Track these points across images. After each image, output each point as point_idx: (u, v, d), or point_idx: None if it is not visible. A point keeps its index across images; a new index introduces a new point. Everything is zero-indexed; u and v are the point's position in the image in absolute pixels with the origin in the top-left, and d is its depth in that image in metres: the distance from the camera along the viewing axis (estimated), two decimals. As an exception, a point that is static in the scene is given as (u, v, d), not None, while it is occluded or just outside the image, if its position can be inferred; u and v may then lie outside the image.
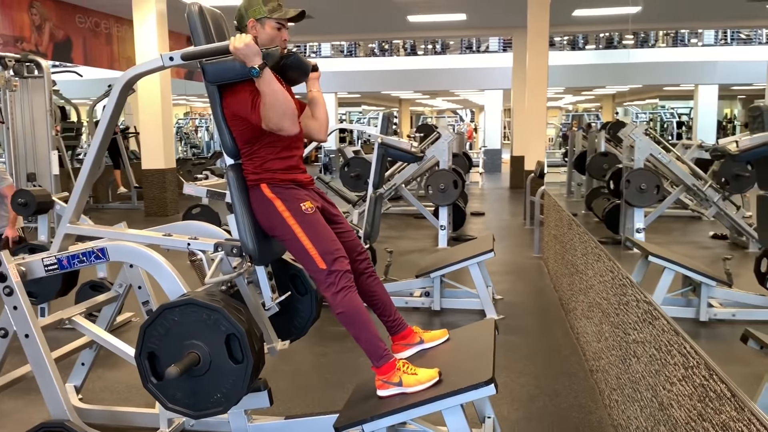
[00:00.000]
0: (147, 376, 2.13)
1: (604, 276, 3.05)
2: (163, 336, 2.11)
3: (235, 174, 2.30)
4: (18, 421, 2.93)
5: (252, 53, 2.07)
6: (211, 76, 2.18)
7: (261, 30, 2.28)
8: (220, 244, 2.34)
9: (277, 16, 2.28)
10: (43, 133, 6.69)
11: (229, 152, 2.31)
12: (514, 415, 2.93)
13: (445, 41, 21.01)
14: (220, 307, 2.06)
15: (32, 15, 9.47)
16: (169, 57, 2.20)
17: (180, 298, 2.13)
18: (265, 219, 2.30)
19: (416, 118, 31.50)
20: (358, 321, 2.22)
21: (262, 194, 2.28)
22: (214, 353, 2.08)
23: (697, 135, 14.42)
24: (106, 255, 2.33)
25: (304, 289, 2.63)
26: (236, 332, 2.05)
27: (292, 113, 2.17)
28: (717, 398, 1.50)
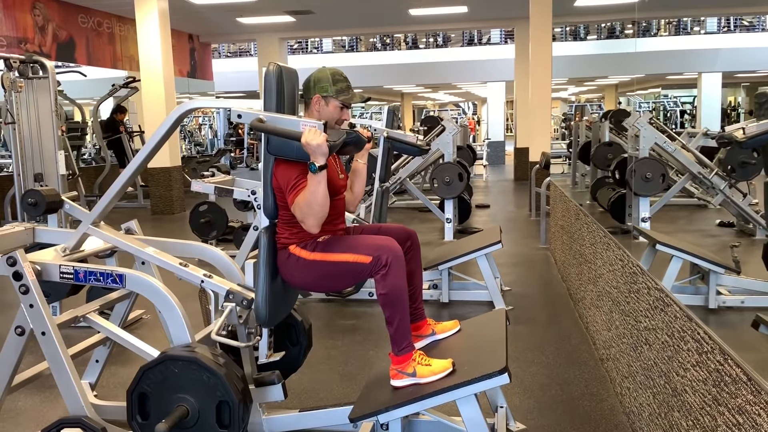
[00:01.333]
0: (133, 413, 2.17)
1: (614, 265, 3.06)
2: (159, 383, 2.15)
3: (268, 235, 2.33)
4: (33, 419, 2.96)
5: (320, 153, 2.08)
6: (274, 149, 2.20)
7: (324, 107, 2.32)
8: (233, 293, 2.37)
9: (342, 98, 2.32)
10: (49, 134, 6.71)
11: (268, 214, 2.34)
12: (525, 404, 2.94)
13: (447, 34, 20.97)
14: (222, 375, 2.10)
15: (35, 16, 9.49)
16: (237, 114, 2.20)
17: (186, 353, 2.16)
18: (296, 275, 2.34)
19: (418, 111, 31.47)
20: (398, 305, 2.21)
21: (290, 253, 2.31)
22: (204, 413, 2.12)
23: (702, 123, 14.38)
24: (123, 282, 2.36)
25: (296, 340, 2.72)
26: (230, 401, 2.10)
27: (321, 217, 2.20)
28: (732, 382, 1.51)
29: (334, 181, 2.37)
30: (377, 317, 4.28)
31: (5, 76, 6.64)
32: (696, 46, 15.78)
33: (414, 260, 2.50)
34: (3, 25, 8.94)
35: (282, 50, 14.35)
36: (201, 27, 13.46)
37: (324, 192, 2.15)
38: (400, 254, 2.22)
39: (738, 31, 14.86)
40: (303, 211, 2.19)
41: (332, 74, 2.33)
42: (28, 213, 4.14)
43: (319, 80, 2.32)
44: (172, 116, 2.38)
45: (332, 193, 2.35)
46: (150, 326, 4.26)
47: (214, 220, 6.19)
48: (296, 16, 12.10)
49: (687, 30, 16.59)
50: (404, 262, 2.24)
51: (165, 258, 2.50)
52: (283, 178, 2.23)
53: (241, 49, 21.81)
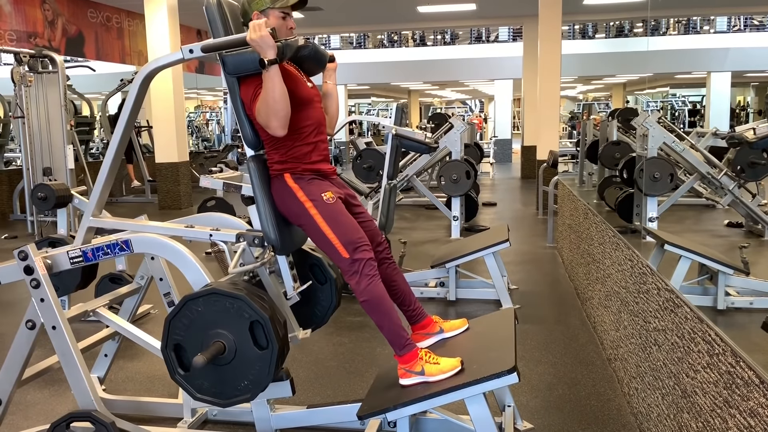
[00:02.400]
0: (174, 367, 2.16)
1: (623, 265, 3.05)
2: (188, 327, 2.13)
3: (256, 165, 2.31)
4: (43, 412, 2.98)
5: (267, 45, 2.08)
6: (231, 67, 2.20)
7: (266, 21, 2.28)
8: (242, 234, 2.35)
9: (279, 5, 2.29)
10: (58, 128, 6.75)
11: (250, 143, 2.32)
12: (533, 403, 2.94)
13: (455, 31, 20.92)
14: (243, 295, 2.08)
15: (45, 10, 9.52)
16: (189, 49, 2.21)
17: (203, 289, 2.15)
18: (288, 209, 2.32)
19: (425, 108, 31.42)
20: (382, 309, 2.23)
21: (285, 184, 2.30)
22: (239, 341, 2.10)
23: (710, 122, 14.30)
24: (131, 247, 2.35)
25: (324, 278, 2.64)
26: (260, 319, 2.07)
27: (283, 115, 2.16)
28: (744, 385, 1.51)
29: (302, 88, 2.34)
30: (384, 314, 4.28)
31: (15, 71, 6.68)
32: (705, 46, 15.68)
33: (390, 266, 2.50)
34: (13, 20, 8.97)
35: (290, 46, 14.33)
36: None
37: (281, 88, 2.12)
38: (373, 261, 2.25)
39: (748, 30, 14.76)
40: (264, 112, 2.16)
41: None
42: (37, 207, 4.17)
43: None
44: (135, 83, 2.37)
45: (304, 100, 2.32)
46: (158, 321, 4.27)
47: (221, 216, 6.19)
48: (305, 12, 12.10)
49: (696, 29, 16.49)
50: (376, 267, 2.26)
51: (171, 225, 2.48)
52: (245, 95, 2.22)
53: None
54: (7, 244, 7.16)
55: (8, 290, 5.22)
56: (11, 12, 8.95)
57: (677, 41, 16.45)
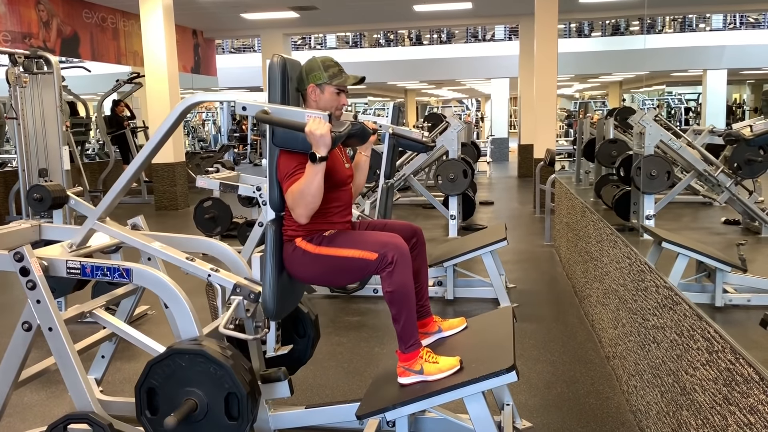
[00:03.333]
0: (142, 408, 2.17)
1: (621, 262, 3.05)
2: (167, 377, 2.14)
3: (274, 228, 2.31)
4: (40, 414, 2.97)
5: (323, 143, 2.07)
6: (279, 141, 2.18)
7: (320, 95, 2.29)
8: (240, 286, 2.35)
9: (336, 82, 2.29)
10: (53, 129, 6.72)
11: (274, 206, 2.31)
12: (531, 402, 2.94)
13: (451, 30, 20.92)
14: (229, 366, 2.09)
15: (39, 11, 9.49)
16: (242, 107, 2.18)
17: (192, 346, 2.15)
18: (300, 269, 2.32)
19: (422, 108, 31.41)
20: (405, 302, 2.20)
21: (296, 246, 2.30)
22: (213, 406, 2.11)
23: (706, 120, 14.31)
24: (130, 277, 2.34)
25: (304, 332, 2.70)
26: (238, 393, 2.09)
27: (312, 207, 2.18)
28: (744, 382, 1.50)
29: (340, 172, 2.36)
30: (382, 314, 4.28)
31: (10, 72, 6.65)
32: (701, 43, 15.69)
33: (419, 257, 2.49)
34: (8, 20, 8.94)
35: (286, 46, 14.34)
36: (205, 23, 13.45)
37: (319, 184, 2.13)
38: (406, 251, 2.20)
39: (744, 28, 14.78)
40: (295, 198, 2.17)
41: (322, 62, 2.31)
42: (33, 208, 4.15)
43: (311, 69, 2.29)
44: (177, 110, 2.36)
45: (339, 184, 2.35)
46: (155, 321, 4.26)
47: (218, 216, 6.19)
48: (300, 12, 12.08)
49: (692, 27, 16.50)
50: (410, 260, 2.22)
51: (171, 252, 2.50)
52: (283, 167, 2.22)
53: (245, 44, 21.79)
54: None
55: (5, 292, 5.20)
56: (6, 12, 8.92)
57: (673, 39, 16.46)
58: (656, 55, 15.66)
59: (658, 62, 15.43)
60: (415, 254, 2.44)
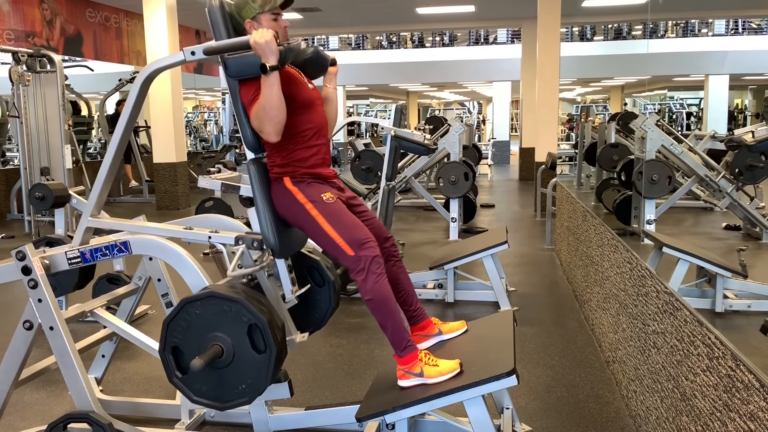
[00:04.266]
0: (172, 370, 2.15)
1: (622, 267, 3.05)
2: (185, 330, 2.13)
3: (256, 168, 2.31)
4: (40, 413, 2.97)
5: (270, 50, 2.08)
6: (233, 70, 2.19)
7: (259, 26, 2.28)
8: (241, 237, 2.34)
9: (269, 8, 2.29)
10: (56, 128, 6.73)
11: (250, 146, 2.31)
12: (531, 405, 2.94)
13: (453, 33, 20.94)
14: (241, 299, 2.07)
15: (43, 10, 9.50)
16: (191, 51, 2.21)
17: (201, 292, 2.14)
18: (288, 212, 2.31)
19: (424, 110, 31.43)
20: (386, 309, 2.22)
21: (285, 187, 2.30)
22: (237, 344, 2.09)
23: (708, 125, 14.31)
24: (129, 248, 2.34)
25: (322, 281, 2.62)
26: (258, 322, 2.06)
27: (277, 121, 2.16)
28: (744, 388, 1.50)
29: (303, 91, 2.34)
30: (382, 316, 4.27)
31: (13, 70, 6.66)
32: (703, 48, 15.71)
33: (396, 265, 2.49)
34: (11, 19, 8.96)
35: (288, 47, 14.34)
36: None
37: (278, 95, 2.12)
38: (379, 259, 2.23)
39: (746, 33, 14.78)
40: (259, 116, 2.16)
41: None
42: (35, 207, 4.16)
43: (240, 7, 2.29)
44: (137, 83, 2.35)
45: (305, 104, 2.33)
46: (156, 321, 4.26)
47: (219, 217, 6.19)
48: (303, 13, 12.10)
49: (695, 32, 16.52)
50: (382, 263, 2.24)
51: (169, 227, 2.47)
52: (244, 96, 2.22)
53: (247, 45, 21.79)
54: (4, 244, 7.14)
55: (6, 291, 5.20)
56: (9, 11, 8.93)
57: (675, 44, 16.47)
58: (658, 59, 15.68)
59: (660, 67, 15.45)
60: (390, 265, 2.45)
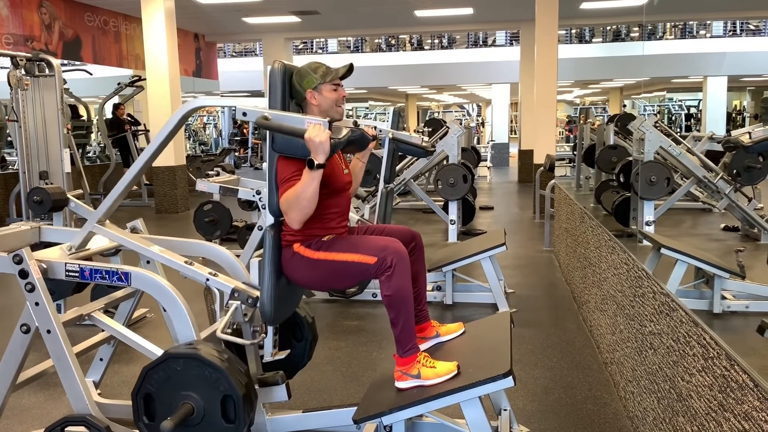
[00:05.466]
0: (140, 414, 2.17)
1: (619, 268, 3.05)
2: (163, 381, 2.14)
3: (273, 233, 2.32)
4: (38, 417, 2.97)
5: (321, 151, 2.07)
6: (279, 146, 2.19)
7: (320, 97, 2.30)
8: (238, 291, 2.36)
9: (330, 78, 2.31)
10: (54, 132, 6.73)
11: (273, 212, 2.32)
12: (529, 407, 2.94)
13: (452, 36, 20.97)
14: (224, 369, 2.09)
15: (42, 14, 9.52)
16: (243, 112, 2.20)
17: (187, 350, 2.16)
18: (298, 275, 2.33)
19: (423, 113, 31.45)
20: (403, 307, 2.21)
21: (293, 252, 2.31)
22: (209, 409, 2.11)
23: (707, 127, 14.33)
24: (129, 280, 2.35)
25: (301, 336, 2.71)
26: (233, 395, 2.09)
27: (306, 213, 2.18)
28: (739, 388, 1.51)
29: (338, 178, 2.37)
30: (381, 318, 4.28)
31: (12, 74, 6.66)
32: (702, 50, 15.74)
33: (418, 262, 2.50)
34: (10, 23, 8.97)
35: (287, 50, 14.37)
36: (207, 26, 13.48)
37: (315, 190, 2.14)
38: (405, 255, 2.21)
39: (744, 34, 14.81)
40: (289, 202, 2.17)
41: (309, 67, 2.33)
42: (33, 211, 4.17)
43: (302, 77, 2.31)
44: (177, 114, 2.38)
45: (337, 190, 2.36)
46: (154, 325, 4.27)
47: (218, 220, 6.20)
48: (302, 17, 12.12)
49: (693, 33, 16.55)
50: (409, 264, 2.23)
51: (170, 256, 2.50)
52: (282, 172, 2.23)
53: (246, 48, 21.85)
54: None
55: (3, 294, 5.21)
56: (8, 16, 8.95)
57: (674, 46, 16.49)
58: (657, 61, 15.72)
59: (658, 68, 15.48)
60: (413, 259, 2.45)
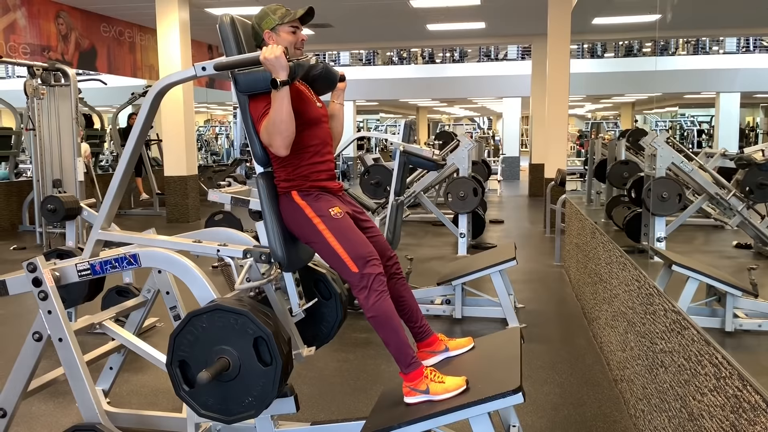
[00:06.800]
0: (179, 383, 2.15)
1: (630, 285, 3.04)
2: (192, 343, 2.13)
3: (265, 182, 2.33)
4: (48, 425, 2.98)
5: (280, 66, 2.10)
6: (243, 86, 2.22)
7: (278, 39, 2.32)
8: (249, 250, 2.36)
9: (288, 20, 2.33)
10: (68, 140, 6.81)
11: (259, 160, 2.33)
12: (538, 423, 2.92)
13: (464, 49, 21.03)
14: (247, 311, 2.08)
15: (59, 24, 9.65)
16: (201, 67, 2.24)
17: (207, 305, 2.16)
18: (296, 225, 2.33)
19: (433, 125, 31.50)
20: (389, 326, 2.22)
21: (293, 201, 2.31)
22: (244, 357, 2.09)
23: (719, 143, 14.25)
24: (138, 261, 2.36)
25: (329, 294, 2.63)
26: (263, 335, 2.07)
27: (287, 135, 2.18)
28: (751, 409, 1.49)
29: (311, 108, 2.36)
30: (390, 331, 4.26)
31: (28, 83, 6.76)
32: (714, 66, 15.67)
33: (399, 282, 2.49)
34: (27, 33, 9.09)
35: (300, 62, 14.45)
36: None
37: (288, 110, 2.15)
38: (382, 277, 2.24)
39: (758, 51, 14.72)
40: (268, 130, 2.18)
41: (268, 8, 2.35)
42: (46, 219, 4.20)
43: (261, 18, 2.33)
44: (149, 97, 2.38)
45: (312, 121, 2.35)
46: (164, 334, 4.28)
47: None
48: (315, 29, 12.21)
49: (705, 49, 16.49)
50: (385, 283, 2.25)
51: (178, 240, 2.49)
52: (254, 111, 2.24)
53: (259, 60, 21.96)
54: (15, 255, 7.20)
55: (17, 302, 5.24)
56: (26, 26, 9.07)
57: (686, 61, 16.44)
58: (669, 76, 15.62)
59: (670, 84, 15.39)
60: (394, 281, 2.45)
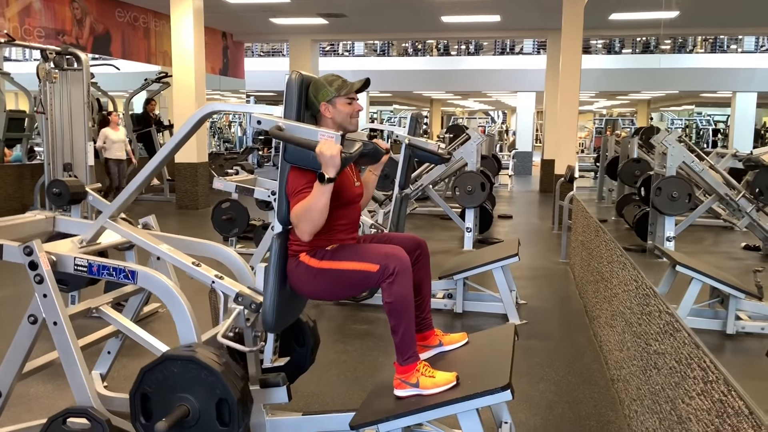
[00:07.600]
0: (137, 414, 2.19)
1: (629, 285, 3.02)
2: (161, 382, 2.16)
3: (280, 242, 2.33)
4: (45, 406, 3.02)
5: (332, 164, 2.09)
6: (290, 157, 2.20)
7: (334, 110, 2.31)
8: (242, 295, 2.38)
9: (345, 92, 2.32)
10: (80, 125, 6.85)
11: (281, 220, 2.33)
12: (531, 421, 2.91)
13: (479, 42, 20.91)
14: (219, 372, 2.10)
15: (74, 9, 9.70)
16: (257, 120, 2.22)
17: (184, 352, 2.17)
18: (304, 285, 2.34)
19: (447, 118, 31.39)
20: (403, 314, 2.21)
21: (299, 262, 2.32)
22: (204, 412, 2.13)
23: (734, 143, 14.09)
24: (135, 279, 2.38)
25: (303, 342, 2.71)
26: (228, 399, 2.10)
27: (316, 225, 2.19)
28: (735, 414, 1.48)
29: (349, 190, 2.38)
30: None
31: (41, 67, 6.80)
32: (732, 65, 15.49)
33: (423, 269, 2.50)
34: (42, 17, 9.15)
35: (314, 52, 14.45)
36: (235, 26, 13.62)
37: (325, 204, 2.15)
38: (407, 263, 2.21)
39: (776, 50, 14.50)
40: (300, 215, 2.19)
41: (324, 79, 2.34)
42: (52, 202, 4.24)
43: (317, 89, 2.32)
44: (194, 117, 2.40)
45: (347, 202, 2.37)
46: (165, 320, 4.31)
47: (235, 218, 6.25)
48: (329, 19, 12.18)
49: (723, 48, 16.30)
50: (411, 272, 2.23)
51: (178, 256, 2.53)
52: (293, 183, 2.24)
53: (273, 49, 22.01)
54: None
55: (13, 284, 5.30)
56: (41, 9, 9.13)
57: (703, 59, 16.27)
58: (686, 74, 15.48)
59: (687, 82, 15.24)
60: (418, 267, 2.45)
